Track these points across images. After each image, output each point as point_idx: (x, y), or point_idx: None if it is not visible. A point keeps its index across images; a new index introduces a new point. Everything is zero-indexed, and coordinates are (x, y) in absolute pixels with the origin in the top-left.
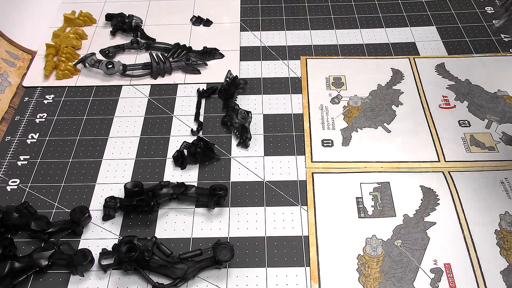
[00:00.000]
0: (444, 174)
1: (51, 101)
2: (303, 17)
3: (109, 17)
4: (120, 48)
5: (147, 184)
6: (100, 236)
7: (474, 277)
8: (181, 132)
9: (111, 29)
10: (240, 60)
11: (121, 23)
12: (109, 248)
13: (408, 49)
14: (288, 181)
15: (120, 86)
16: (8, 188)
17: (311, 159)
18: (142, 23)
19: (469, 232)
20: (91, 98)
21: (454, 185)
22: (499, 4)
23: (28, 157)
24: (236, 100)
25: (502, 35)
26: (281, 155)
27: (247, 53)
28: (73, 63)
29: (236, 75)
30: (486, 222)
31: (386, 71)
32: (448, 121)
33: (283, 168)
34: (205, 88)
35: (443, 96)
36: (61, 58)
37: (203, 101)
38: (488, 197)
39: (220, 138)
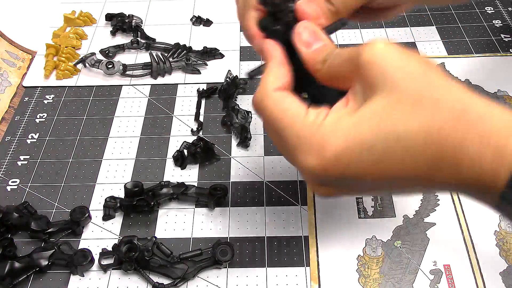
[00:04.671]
0: None
1: (51, 101)
2: None
3: (109, 17)
4: (120, 48)
5: (147, 184)
6: (100, 236)
7: (473, 278)
8: (181, 132)
9: (111, 29)
10: (240, 60)
11: (121, 23)
12: (109, 248)
13: (408, 49)
14: (288, 181)
15: (120, 86)
16: (8, 188)
17: None
18: (142, 23)
19: (469, 233)
20: (91, 98)
21: None
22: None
23: (28, 157)
24: (236, 100)
25: (502, 35)
26: (281, 155)
27: (247, 53)
28: (73, 63)
29: (236, 75)
30: (486, 223)
31: None
32: None
33: (283, 168)
34: (205, 88)
35: None
36: (61, 58)
37: (203, 101)
38: None
39: (220, 138)
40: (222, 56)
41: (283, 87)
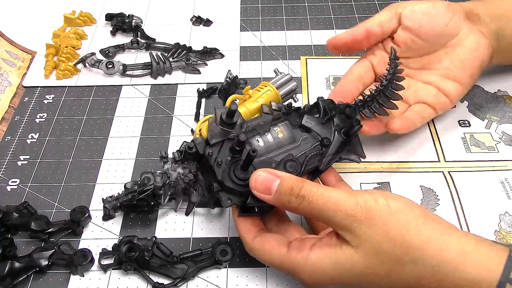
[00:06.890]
0: (444, 174)
1: (51, 101)
2: (303, 17)
3: (109, 17)
4: (120, 48)
5: None
6: (100, 236)
7: None
8: (181, 132)
9: (111, 29)
10: (240, 60)
11: (121, 23)
12: (109, 248)
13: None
14: None
15: (120, 86)
16: (8, 188)
17: None
18: (142, 23)
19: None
20: (91, 98)
21: (454, 185)
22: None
23: (28, 157)
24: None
25: None
26: None
27: (247, 53)
28: (73, 63)
29: (236, 75)
30: (486, 222)
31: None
32: (448, 121)
33: None
34: (205, 88)
35: None
36: (61, 58)
37: (203, 101)
38: (488, 197)
39: None
40: (222, 56)
41: (258, 232)
